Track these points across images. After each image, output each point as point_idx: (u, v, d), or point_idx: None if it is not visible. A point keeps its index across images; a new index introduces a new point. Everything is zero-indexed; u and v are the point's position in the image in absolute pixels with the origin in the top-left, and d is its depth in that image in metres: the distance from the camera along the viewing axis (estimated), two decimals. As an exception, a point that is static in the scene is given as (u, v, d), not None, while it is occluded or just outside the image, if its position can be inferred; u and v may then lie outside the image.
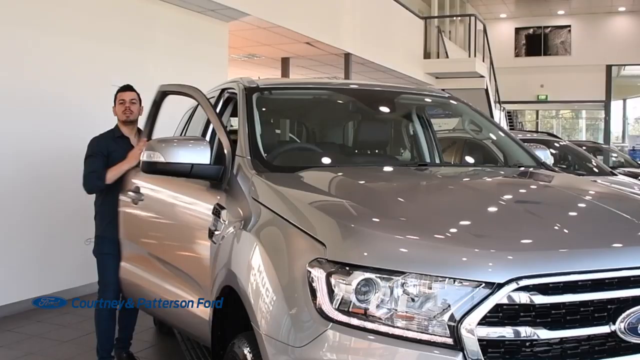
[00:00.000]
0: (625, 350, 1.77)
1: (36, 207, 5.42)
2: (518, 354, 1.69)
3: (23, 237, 5.41)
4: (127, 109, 3.89)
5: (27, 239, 5.44)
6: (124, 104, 3.91)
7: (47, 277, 5.54)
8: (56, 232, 5.57)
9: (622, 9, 19.91)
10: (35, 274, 5.48)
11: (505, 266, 1.71)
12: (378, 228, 1.92)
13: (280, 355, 1.84)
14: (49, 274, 5.55)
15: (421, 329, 1.70)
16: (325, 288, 1.78)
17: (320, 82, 4.06)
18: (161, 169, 2.76)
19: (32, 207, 5.36)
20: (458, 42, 17.22)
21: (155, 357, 4.32)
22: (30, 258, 5.45)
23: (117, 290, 3.80)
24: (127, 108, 3.89)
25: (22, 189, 5.34)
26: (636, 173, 10.05)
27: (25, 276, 5.39)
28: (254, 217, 2.35)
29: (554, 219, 2.07)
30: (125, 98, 3.93)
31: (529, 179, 2.91)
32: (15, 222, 5.34)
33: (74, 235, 5.44)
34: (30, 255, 5.46)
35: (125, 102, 3.91)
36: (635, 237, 1.98)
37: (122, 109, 3.90)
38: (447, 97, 3.89)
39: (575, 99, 21.80)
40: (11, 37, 5.33)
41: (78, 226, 5.27)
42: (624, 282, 1.78)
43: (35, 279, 5.48)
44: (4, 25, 5.26)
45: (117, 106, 3.94)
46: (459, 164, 5.50)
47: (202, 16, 7.66)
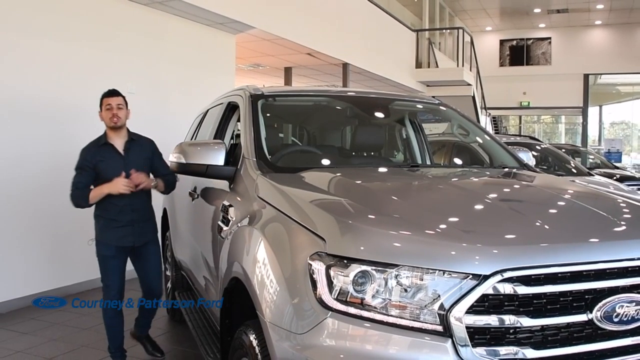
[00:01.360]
0: (601, 337, 1.77)
1: (54, 205, 5.41)
2: (502, 340, 1.68)
3: (45, 232, 5.42)
4: (115, 115, 3.52)
5: (49, 233, 5.45)
6: (111, 110, 3.53)
7: (66, 270, 5.54)
8: (76, 228, 5.56)
9: (599, 22, 19.90)
10: (55, 267, 5.49)
11: (491, 259, 1.71)
12: (373, 224, 1.92)
13: (283, 341, 1.84)
14: (69, 267, 5.56)
15: (413, 317, 1.70)
16: (325, 279, 1.78)
17: (320, 89, 4.05)
18: (182, 169, 2.84)
19: (52, 205, 5.35)
20: (447, 52, 17.21)
21: (169, 343, 4.32)
22: (50, 253, 5.45)
23: (119, 290, 3.63)
24: (115, 114, 3.52)
25: (43, 188, 5.34)
26: (611, 173, 10.05)
27: (47, 269, 5.40)
28: (258, 214, 2.34)
29: (535, 215, 2.07)
30: (112, 103, 3.54)
31: (512, 179, 2.91)
32: (38, 217, 5.34)
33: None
34: (50, 250, 5.46)
35: (112, 108, 3.53)
36: (610, 232, 1.98)
37: (110, 115, 3.53)
38: (437, 104, 3.89)
39: (555, 105, 21.78)
40: (37, 49, 5.34)
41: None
42: (600, 274, 1.79)
43: (56, 272, 5.49)
44: (31, 39, 5.27)
45: (104, 112, 3.56)
46: (448, 165, 5.49)
47: (211, 29, 7.66)
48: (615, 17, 19.10)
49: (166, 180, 3.72)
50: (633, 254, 1.84)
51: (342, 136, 3.91)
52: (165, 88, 6.96)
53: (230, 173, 2.82)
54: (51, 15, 5.49)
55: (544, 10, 18.86)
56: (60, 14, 5.58)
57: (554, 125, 26.75)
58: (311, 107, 3.77)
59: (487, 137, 3.70)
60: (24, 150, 5.21)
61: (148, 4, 6.56)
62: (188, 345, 4.24)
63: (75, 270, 5.58)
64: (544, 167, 8.01)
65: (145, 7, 6.59)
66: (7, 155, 5.10)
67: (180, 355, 4.09)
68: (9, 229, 5.14)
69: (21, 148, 5.19)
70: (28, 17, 5.26)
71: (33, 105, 5.31)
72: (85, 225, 3.96)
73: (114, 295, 3.62)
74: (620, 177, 9.99)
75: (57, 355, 4.03)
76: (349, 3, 11.18)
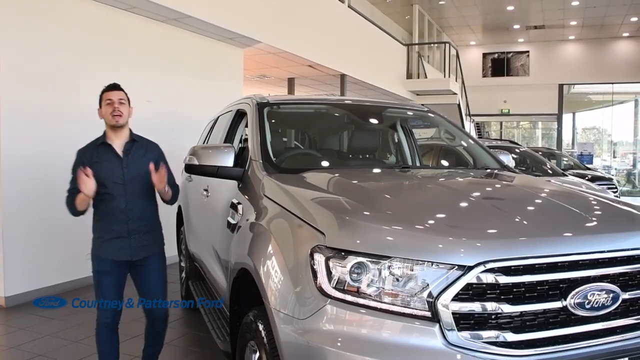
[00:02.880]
0: (574, 322, 1.77)
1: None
2: (485, 325, 1.69)
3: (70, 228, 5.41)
4: (116, 109, 2.85)
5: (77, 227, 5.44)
6: (112, 104, 2.86)
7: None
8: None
9: (572, 37, 19.88)
10: (75, 260, 5.48)
11: (475, 252, 1.71)
12: (368, 220, 1.92)
13: (287, 325, 1.84)
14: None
15: (404, 304, 1.70)
16: (324, 270, 1.78)
17: (320, 98, 4.05)
18: (195, 170, 2.81)
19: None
20: (435, 64, 17.20)
21: (183, 327, 4.32)
22: (70, 247, 5.44)
23: (114, 312, 2.90)
24: (116, 109, 2.85)
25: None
26: (583, 174, 10.06)
27: (68, 262, 5.39)
28: (264, 210, 2.34)
29: (515, 212, 2.07)
30: (113, 98, 2.87)
31: (494, 179, 2.91)
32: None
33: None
34: (76, 242, 5.45)
35: (113, 102, 2.86)
36: (582, 227, 1.98)
37: (110, 109, 2.85)
38: (425, 111, 3.89)
39: (532, 113, 21.75)
40: (68, 63, 5.35)
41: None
42: (574, 265, 1.79)
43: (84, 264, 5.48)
44: (75, 57, 5.28)
45: (104, 107, 2.88)
46: (436, 166, 5.49)
47: (221, 43, 7.66)
48: (587, 32, 19.10)
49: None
50: (603, 246, 1.84)
51: (340, 140, 3.90)
52: (180, 96, 6.96)
53: (238, 174, 2.82)
54: (82, 33, 5.51)
55: (522, 26, 18.85)
56: (87, 31, 5.59)
57: (531, 130, 26.71)
58: (312, 114, 3.77)
59: (471, 141, 3.69)
60: (50, 149, 5.21)
61: (166, 21, 6.56)
62: (200, 329, 4.24)
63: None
64: (523, 169, 8.01)
65: (163, 24, 6.61)
66: (34, 151, 5.11)
67: (194, 339, 4.09)
68: (42, 222, 5.13)
69: (51, 147, 5.19)
70: (72, 39, 5.28)
71: (64, 111, 5.32)
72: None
73: (107, 317, 2.89)
74: (592, 177, 10.00)
75: (83, 339, 4.03)
76: (346, 20, 11.18)
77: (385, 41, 13.68)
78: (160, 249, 3.06)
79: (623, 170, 21.94)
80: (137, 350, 3.70)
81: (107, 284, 2.89)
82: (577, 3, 15.63)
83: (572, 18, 17.39)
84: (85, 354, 3.74)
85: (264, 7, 7.95)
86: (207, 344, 3.92)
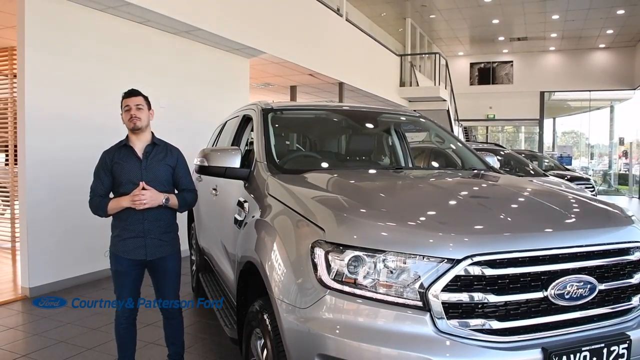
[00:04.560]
0: (555, 311, 1.77)
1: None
2: (472, 314, 1.69)
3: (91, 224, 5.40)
4: (134, 116, 2.81)
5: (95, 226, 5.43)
6: (130, 111, 2.82)
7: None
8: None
9: (552, 48, 19.89)
10: (95, 254, 5.47)
11: (463, 246, 1.71)
12: (364, 217, 1.91)
13: (289, 314, 1.84)
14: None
15: (398, 294, 1.70)
16: (324, 263, 1.78)
17: (320, 104, 4.05)
18: (205, 171, 2.82)
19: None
20: (426, 73, 17.19)
21: (193, 316, 4.31)
22: (91, 242, 5.44)
23: (131, 309, 2.88)
24: (134, 115, 2.81)
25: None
26: (563, 174, 10.05)
27: (89, 256, 5.38)
28: (269, 208, 2.34)
29: (499, 209, 2.07)
30: (131, 104, 2.82)
31: (480, 179, 2.90)
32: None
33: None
34: (92, 239, 5.45)
35: (130, 109, 2.82)
36: (562, 223, 1.98)
37: (128, 116, 2.82)
38: (417, 116, 3.88)
39: (516, 118, 21.75)
40: (89, 72, 5.34)
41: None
42: (554, 258, 1.79)
43: (97, 258, 5.47)
44: (94, 66, 5.27)
45: (124, 113, 2.85)
46: (426, 167, 5.49)
47: (229, 54, 7.66)
48: (566, 44, 19.10)
49: (182, 198, 2.91)
50: (581, 241, 1.84)
51: (339, 143, 3.90)
52: (191, 103, 6.96)
53: (245, 174, 2.81)
54: (100, 45, 5.50)
55: (507, 38, 18.84)
56: (105, 43, 5.59)
57: (515, 134, 26.71)
58: (313, 119, 3.77)
59: (459, 144, 3.69)
60: (73, 148, 5.21)
61: (178, 33, 6.56)
62: (210, 317, 4.24)
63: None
64: (507, 169, 8.01)
65: (175, 35, 6.60)
66: (59, 145, 5.11)
67: (204, 326, 4.09)
68: (64, 218, 5.13)
69: (74, 153, 5.19)
70: (91, 49, 5.28)
71: (86, 118, 5.32)
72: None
73: (125, 312, 2.88)
74: (571, 177, 9.99)
75: (102, 326, 4.03)
76: (344, 32, 11.18)
77: (380, 52, 13.68)
78: (176, 250, 2.96)
79: (599, 171, 21.96)
80: (151, 337, 3.72)
81: (124, 283, 2.86)
82: (557, 17, 15.63)
83: (552, 30, 17.38)
84: (103, 340, 3.73)
85: (268, 20, 7.96)
86: (216, 331, 3.92)
